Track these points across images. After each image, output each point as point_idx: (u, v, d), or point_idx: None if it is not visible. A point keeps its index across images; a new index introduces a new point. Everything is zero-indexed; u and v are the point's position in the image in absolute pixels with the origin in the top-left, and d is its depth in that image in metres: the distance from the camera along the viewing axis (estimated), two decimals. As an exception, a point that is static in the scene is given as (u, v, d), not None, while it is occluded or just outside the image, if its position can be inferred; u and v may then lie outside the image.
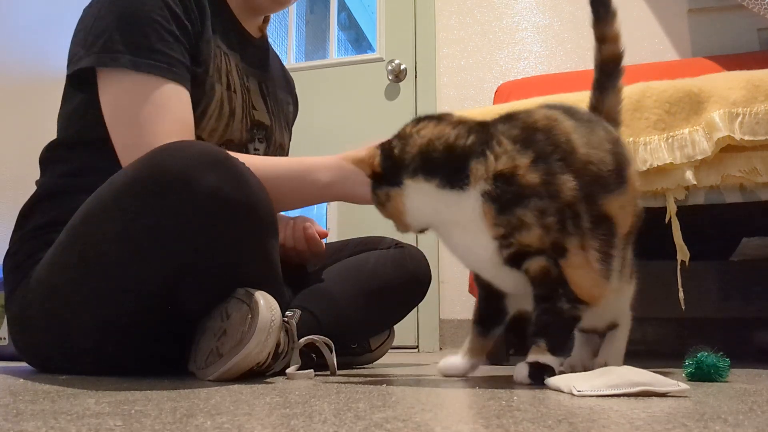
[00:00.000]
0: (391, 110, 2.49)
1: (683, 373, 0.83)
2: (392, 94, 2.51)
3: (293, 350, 0.88)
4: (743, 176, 1.21)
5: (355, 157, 0.83)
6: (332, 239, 1.97)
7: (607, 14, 0.95)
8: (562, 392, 0.66)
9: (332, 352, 0.93)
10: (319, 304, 1.09)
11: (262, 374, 0.85)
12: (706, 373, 0.81)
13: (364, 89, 2.54)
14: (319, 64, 2.70)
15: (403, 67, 2.49)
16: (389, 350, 1.36)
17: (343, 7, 4.94)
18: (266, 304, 0.79)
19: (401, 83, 2.50)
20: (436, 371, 0.94)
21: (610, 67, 0.97)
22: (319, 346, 0.92)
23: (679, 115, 1.25)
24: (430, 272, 1.24)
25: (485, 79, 2.41)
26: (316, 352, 0.94)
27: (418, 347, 2.31)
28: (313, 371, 0.87)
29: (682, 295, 1.22)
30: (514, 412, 0.51)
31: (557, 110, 0.82)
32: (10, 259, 1.01)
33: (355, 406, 0.54)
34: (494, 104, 1.92)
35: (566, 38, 2.35)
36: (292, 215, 1.22)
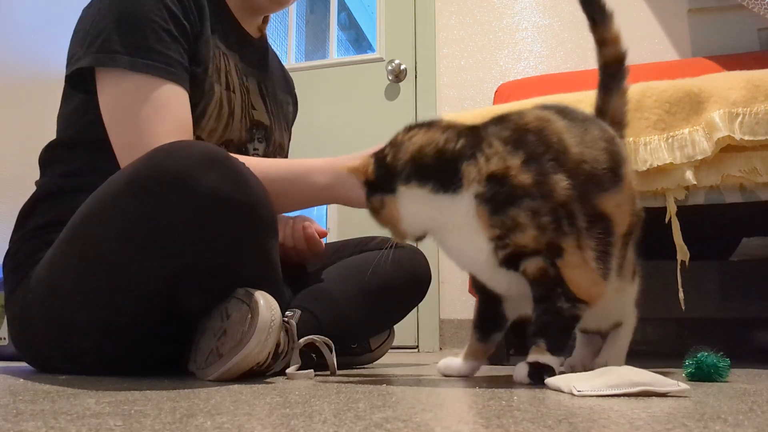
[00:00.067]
0: (391, 110, 2.49)
1: (683, 373, 0.83)
2: (392, 94, 2.51)
3: (293, 350, 0.88)
4: (743, 176, 1.21)
5: (349, 165, 0.83)
6: (332, 239, 1.97)
7: (602, 18, 0.95)
8: (562, 392, 0.66)
9: (332, 352, 0.93)
10: (319, 304, 1.09)
11: (262, 374, 0.85)
12: (706, 373, 0.81)
13: (364, 89, 2.54)
14: (319, 64, 2.70)
15: (403, 67, 2.49)
16: (389, 350, 1.36)
17: (343, 7, 4.94)
18: (266, 304, 0.79)
19: (401, 83, 2.50)
20: (436, 371, 0.94)
21: (613, 68, 0.97)
22: (319, 346, 0.92)
23: (679, 115, 1.25)
24: (430, 272, 1.24)
25: (485, 79, 2.41)
26: (316, 352, 0.94)
27: (418, 347, 2.31)
28: (313, 371, 0.87)
29: (682, 295, 1.22)
30: (514, 412, 0.51)
31: (550, 111, 0.82)
32: (10, 259, 1.01)
33: (355, 406, 0.54)
34: (494, 104, 1.92)
35: (566, 38, 2.35)
36: (291, 215, 1.22)
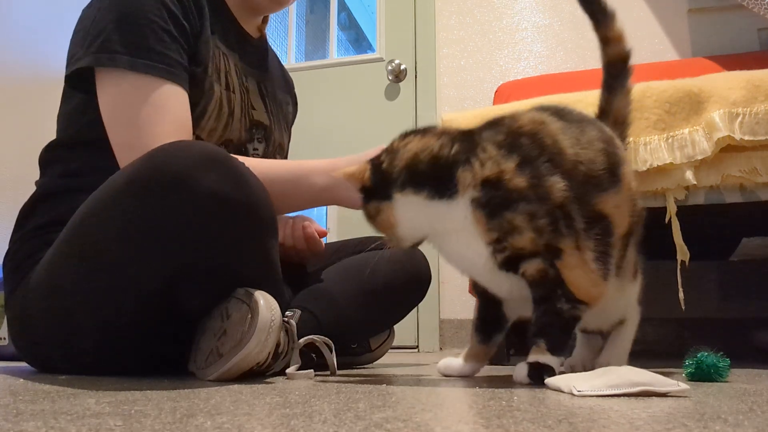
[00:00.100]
0: (391, 110, 2.49)
1: (683, 373, 0.83)
2: (392, 94, 2.51)
3: (293, 350, 0.88)
4: (743, 176, 1.21)
5: (345, 171, 0.83)
6: (332, 239, 1.97)
7: (604, 17, 0.95)
8: (562, 392, 0.66)
9: (332, 352, 0.93)
10: (319, 304, 1.09)
11: (262, 374, 0.85)
12: (706, 373, 0.81)
13: (364, 89, 2.54)
14: (319, 64, 2.70)
15: (403, 67, 2.49)
16: (389, 350, 1.36)
17: (343, 7, 4.94)
18: (266, 304, 0.79)
19: (401, 83, 2.50)
20: (436, 371, 0.94)
21: (616, 67, 0.97)
22: (319, 346, 0.92)
23: (679, 115, 1.25)
24: (430, 272, 1.24)
25: (485, 79, 2.41)
26: (316, 352, 0.94)
27: (418, 347, 2.31)
28: (313, 371, 0.87)
29: (682, 295, 1.22)
30: (514, 412, 0.51)
31: (546, 112, 0.82)
32: (10, 259, 1.01)
33: (355, 406, 0.54)
34: (494, 104, 1.92)
35: (566, 38, 2.35)
36: (291, 215, 1.22)
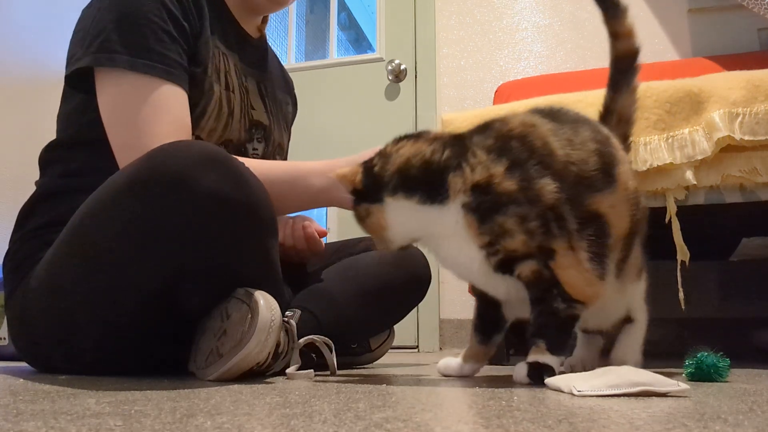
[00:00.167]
0: (391, 110, 2.49)
1: (683, 373, 0.83)
2: (392, 94, 2.51)
3: (293, 350, 0.88)
4: (743, 176, 1.21)
5: (338, 172, 0.83)
6: (332, 239, 1.97)
7: (616, 11, 0.95)
8: (562, 392, 0.66)
9: (332, 352, 0.93)
10: (319, 304, 1.09)
11: (262, 374, 0.85)
12: (706, 373, 0.81)
13: (364, 89, 2.54)
14: (319, 64, 2.70)
15: (403, 67, 2.49)
16: (389, 350, 1.36)
17: (343, 7, 4.94)
18: (266, 304, 0.79)
19: (401, 83, 2.50)
20: (436, 371, 0.94)
21: (624, 63, 0.97)
22: (319, 346, 0.92)
23: (679, 115, 1.25)
24: (430, 272, 1.24)
25: (485, 79, 2.41)
26: (316, 352, 0.94)
27: (418, 347, 2.31)
28: (313, 371, 0.87)
29: (682, 295, 1.22)
30: (514, 412, 0.51)
31: (539, 114, 0.82)
32: (10, 259, 1.01)
33: (355, 406, 0.54)
34: (494, 104, 1.92)
35: (566, 38, 2.35)
36: (291, 215, 1.22)
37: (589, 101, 1.28)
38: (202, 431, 0.41)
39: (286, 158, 1.31)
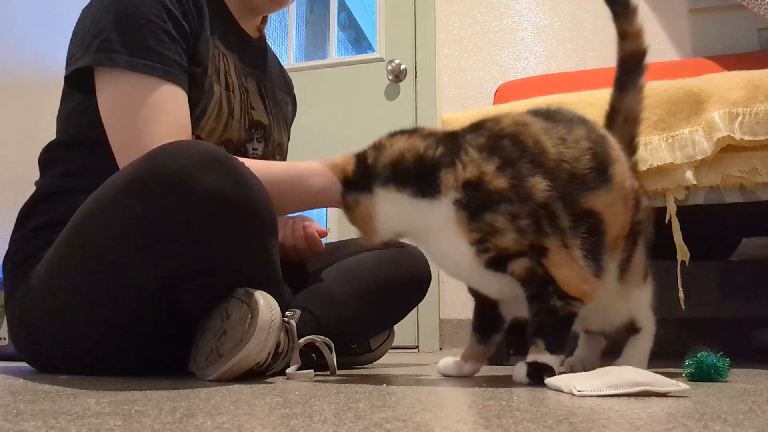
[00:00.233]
0: (391, 110, 2.49)
1: (683, 373, 0.83)
2: (392, 94, 2.51)
3: (293, 350, 0.88)
4: (743, 176, 1.21)
5: (331, 162, 0.83)
6: (332, 239, 1.97)
7: (626, 10, 0.95)
8: (562, 392, 0.66)
9: (332, 352, 0.93)
10: (319, 304, 1.09)
11: (262, 374, 0.85)
12: (706, 373, 0.81)
13: (364, 89, 2.54)
14: (319, 64, 2.70)
15: (403, 67, 2.49)
16: (389, 350, 1.36)
17: (343, 7, 4.94)
18: (266, 304, 0.79)
19: (401, 83, 2.50)
20: (436, 371, 0.94)
21: (631, 63, 0.97)
22: (319, 346, 0.92)
23: (679, 115, 1.25)
24: (430, 272, 1.24)
25: (485, 79, 2.41)
26: (316, 352, 0.94)
27: (418, 347, 2.31)
28: (313, 371, 0.87)
29: (682, 295, 1.22)
30: (514, 412, 0.51)
31: (531, 114, 0.83)
32: (10, 259, 1.01)
33: (355, 406, 0.54)
34: (494, 104, 1.92)
35: (566, 38, 2.35)
36: (291, 215, 1.22)
37: (589, 101, 1.28)
38: (202, 431, 0.41)
39: (285, 158, 1.31)
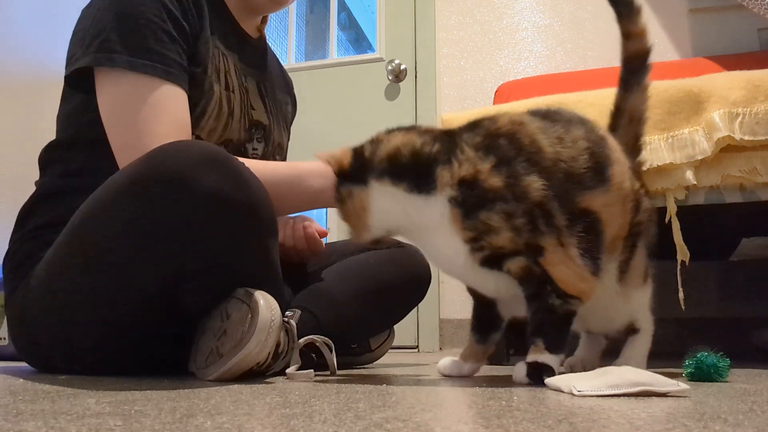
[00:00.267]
0: (391, 110, 2.49)
1: (683, 373, 0.83)
2: (392, 94, 2.51)
3: (293, 350, 0.88)
4: (743, 176, 1.21)
5: (328, 154, 0.83)
6: (332, 239, 1.97)
7: (630, 10, 0.95)
8: (562, 392, 0.66)
9: (332, 352, 0.93)
10: (319, 304, 1.09)
11: (262, 374, 0.85)
12: (706, 373, 0.81)
13: (364, 89, 2.54)
14: (319, 64, 2.70)
15: (403, 67, 2.49)
16: (389, 350, 1.35)
17: (343, 7, 4.94)
18: (266, 304, 0.79)
19: (401, 83, 2.50)
20: (435, 371, 0.94)
21: (635, 63, 0.96)
22: (319, 346, 0.92)
23: (679, 115, 1.25)
24: (430, 272, 1.24)
25: (485, 79, 2.41)
26: (316, 352, 0.94)
27: (418, 347, 2.31)
28: (313, 371, 0.87)
29: (682, 295, 1.22)
30: (514, 412, 0.51)
31: (529, 114, 0.83)
32: (10, 259, 1.01)
33: (355, 406, 0.54)
34: (494, 104, 1.92)
35: (566, 38, 2.35)
36: (291, 215, 1.22)
37: (589, 101, 1.28)
38: (202, 431, 0.41)
39: (285, 158, 1.32)
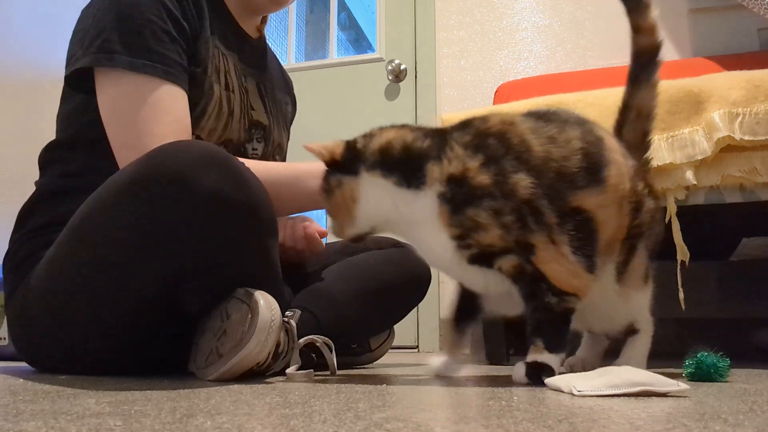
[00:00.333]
0: (391, 110, 2.49)
1: (683, 373, 0.83)
2: (392, 94, 2.51)
3: (293, 350, 0.88)
4: (743, 176, 1.21)
5: (318, 144, 0.84)
6: (332, 239, 1.97)
7: (639, 4, 0.95)
8: (562, 392, 0.66)
9: (332, 352, 0.93)
10: (319, 304, 1.09)
11: (262, 374, 0.85)
12: (706, 373, 0.81)
13: (364, 89, 2.54)
14: (319, 64, 2.70)
15: (403, 67, 2.49)
16: (389, 350, 1.36)
17: (343, 7, 4.94)
18: (266, 304, 0.79)
19: (401, 83, 2.50)
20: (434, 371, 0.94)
21: (645, 58, 0.96)
22: (319, 346, 0.92)
23: (679, 114, 1.25)
24: (430, 272, 1.24)
25: (485, 79, 2.41)
26: (316, 352, 0.94)
27: (418, 347, 2.31)
28: (313, 371, 0.87)
29: (682, 295, 1.22)
30: (514, 412, 0.51)
31: (526, 115, 0.83)
32: (10, 259, 1.01)
33: (355, 406, 0.54)
34: (494, 104, 1.92)
35: (566, 38, 2.35)
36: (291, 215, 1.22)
37: (588, 101, 1.28)
38: (202, 431, 0.41)
39: (285, 158, 1.32)
